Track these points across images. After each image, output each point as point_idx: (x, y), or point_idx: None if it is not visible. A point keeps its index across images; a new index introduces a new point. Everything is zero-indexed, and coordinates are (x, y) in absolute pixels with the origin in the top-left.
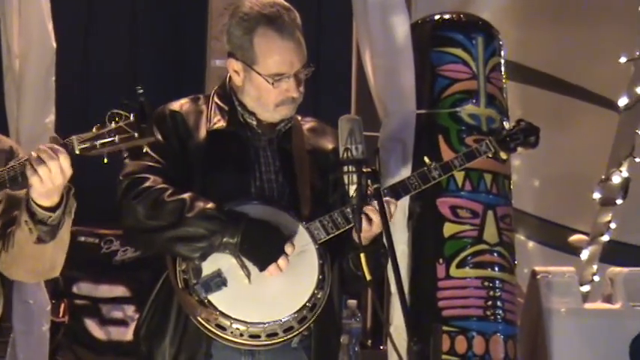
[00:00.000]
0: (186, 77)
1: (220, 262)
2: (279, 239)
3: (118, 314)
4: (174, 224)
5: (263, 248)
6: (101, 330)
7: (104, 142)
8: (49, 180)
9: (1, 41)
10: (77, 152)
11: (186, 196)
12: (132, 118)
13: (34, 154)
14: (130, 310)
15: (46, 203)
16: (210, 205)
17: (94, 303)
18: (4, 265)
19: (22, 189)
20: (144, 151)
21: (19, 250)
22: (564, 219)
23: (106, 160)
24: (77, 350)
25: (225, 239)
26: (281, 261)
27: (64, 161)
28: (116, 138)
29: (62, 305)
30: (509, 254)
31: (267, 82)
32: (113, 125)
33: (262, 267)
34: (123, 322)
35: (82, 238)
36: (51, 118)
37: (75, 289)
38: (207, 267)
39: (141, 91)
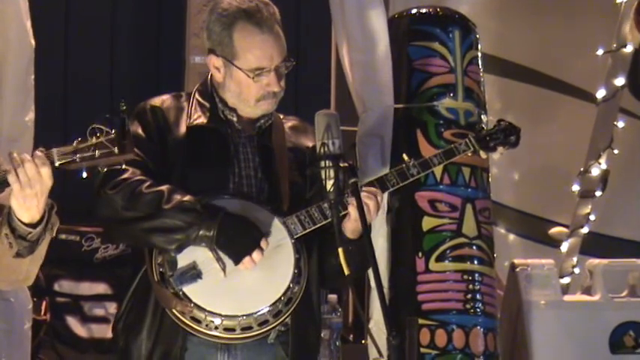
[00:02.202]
0: (165, 74)
1: (196, 254)
2: (255, 233)
3: (99, 312)
4: (151, 215)
5: (238, 242)
6: (83, 327)
7: (83, 157)
8: (27, 184)
9: None
10: (57, 165)
11: (164, 187)
12: (113, 134)
13: (14, 157)
14: (111, 307)
15: (27, 218)
16: (187, 197)
17: (75, 301)
18: None
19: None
20: None
21: None
22: (544, 211)
23: (85, 175)
24: (59, 348)
25: (201, 232)
26: (255, 254)
27: (42, 166)
28: (96, 153)
29: (44, 303)
30: (489, 247)
31: (248, 77)
32: (94, 140)
33: (237, 260)
34: (105, 320)
35: (63, 236)
36: (30, 116)
37: (56, 287)
38: (183, 259)
39: (124, 107)
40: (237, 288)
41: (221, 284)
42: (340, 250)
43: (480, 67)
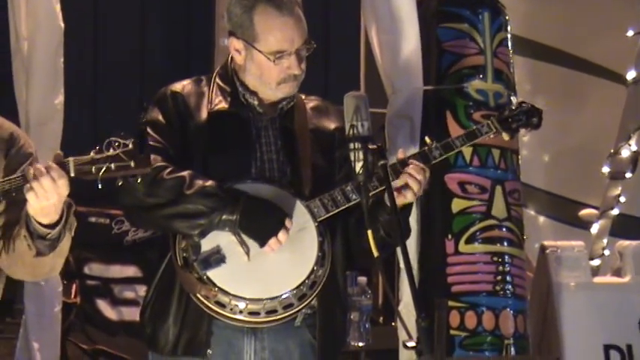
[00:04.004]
0: (194, 56)
1: (219, 239)
2: (278, 214)
3: (129, 294)
4: (173, 201)
5: (262, 224)
6: (113, 310)
7: (99, 168)
8: (44, 197)
9: (9, 23)
10: (72, 174)
11: (185, 173)
12: (130, 145)
13: (30, 170)
14: (141, 290)
15: (45, 221)
16: (209, 182)
17: (105, 283)
18: (5, 265)
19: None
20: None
21: (20, 258)
22: (574, 193)
23: (100, 186)
24: (89, 331)
25: (224, 216)
26: (281, 234)
27: (59, 179)
28: (112, 165)
29: (74, 286)
30: (518, 229)
31: (269, 60)
32: (111, 152)
33: (262, 242)
34: (134, 302)
35: (93, 219)
36: (60, 99)
37: (86, 270)
38: (206, 244)
39: (144, 119)
40: (262, 272)
41: (245, 268)
42: (369, 232)
43: (510, 48)
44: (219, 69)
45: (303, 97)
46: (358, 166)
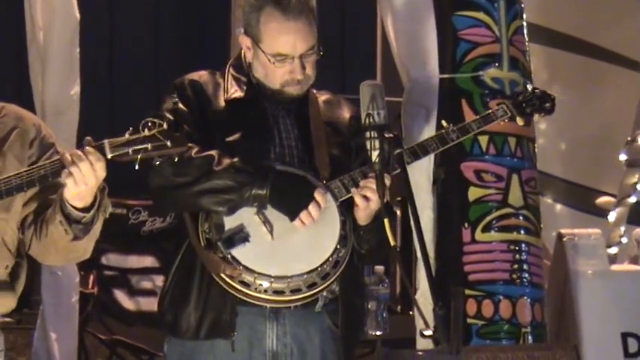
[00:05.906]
0: (210, 45)
1: (242, 218)
2: (309, 188)
3: (147, 284)
4: (202, 178)
5: (293, 197)
6: (130, 300)
7: (136, 149)
8: (82, 181)
9: (24, 13)
10: (109, 156)
11: (213, 152)
12: (165, 126)
13: (67, 156)
14: (159, 280)
15: (80, 205)
16: (237, 159)
17: (122, 274)
18: (36, 252)
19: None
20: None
21: (54, 244)
22: (591, 181)
23: (137, 167)
24: (107, 321)
25: (254, 191)
26: (312, 208)
27: (96, 163)
28: (149, 146)
29: (91, 276)
30: (535, 217)
31: (270, 62)
32: (146, 132)
33: (293, 216)
34: (152, 293)
35: (110, 209)
36: (76, 89)
37: (104, 261)
38: (230, 223)
39: (176, 100)
40: (285, 250)
41: (269, 247)
42: (385, 220)
43: (526, 36)
44: (233, 60)
45: (315, 91)
46: (374, 155)
